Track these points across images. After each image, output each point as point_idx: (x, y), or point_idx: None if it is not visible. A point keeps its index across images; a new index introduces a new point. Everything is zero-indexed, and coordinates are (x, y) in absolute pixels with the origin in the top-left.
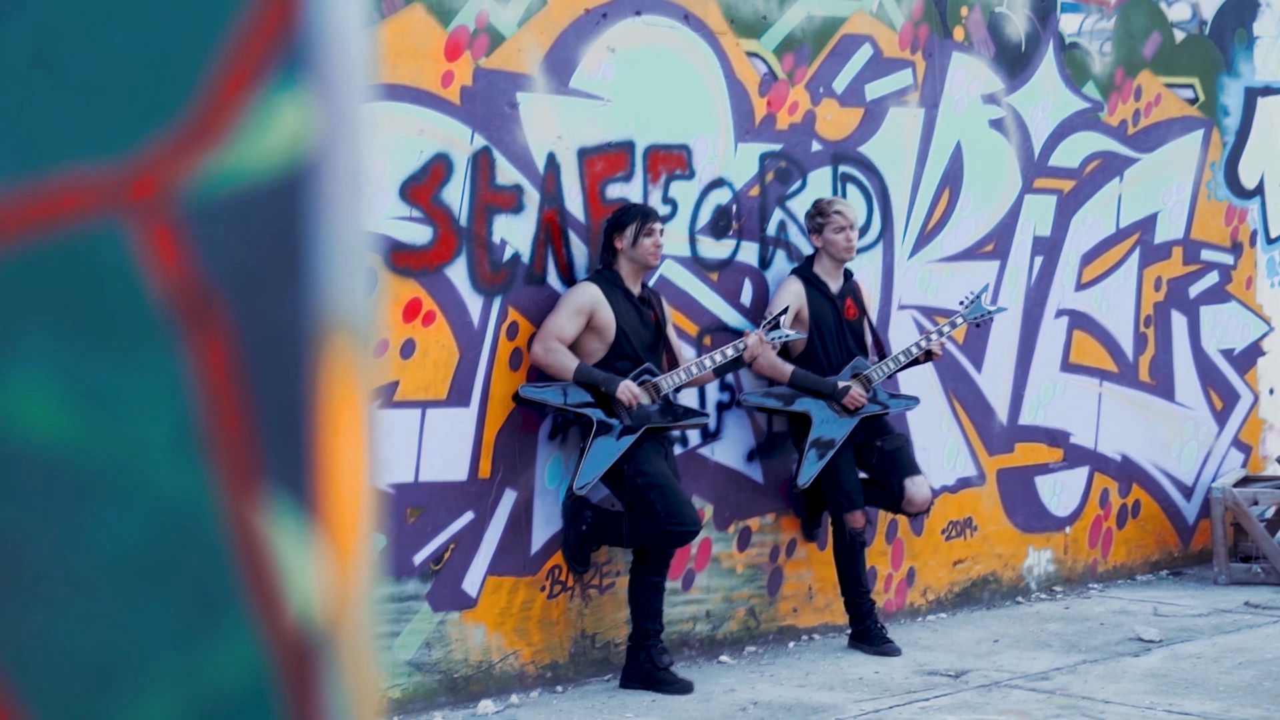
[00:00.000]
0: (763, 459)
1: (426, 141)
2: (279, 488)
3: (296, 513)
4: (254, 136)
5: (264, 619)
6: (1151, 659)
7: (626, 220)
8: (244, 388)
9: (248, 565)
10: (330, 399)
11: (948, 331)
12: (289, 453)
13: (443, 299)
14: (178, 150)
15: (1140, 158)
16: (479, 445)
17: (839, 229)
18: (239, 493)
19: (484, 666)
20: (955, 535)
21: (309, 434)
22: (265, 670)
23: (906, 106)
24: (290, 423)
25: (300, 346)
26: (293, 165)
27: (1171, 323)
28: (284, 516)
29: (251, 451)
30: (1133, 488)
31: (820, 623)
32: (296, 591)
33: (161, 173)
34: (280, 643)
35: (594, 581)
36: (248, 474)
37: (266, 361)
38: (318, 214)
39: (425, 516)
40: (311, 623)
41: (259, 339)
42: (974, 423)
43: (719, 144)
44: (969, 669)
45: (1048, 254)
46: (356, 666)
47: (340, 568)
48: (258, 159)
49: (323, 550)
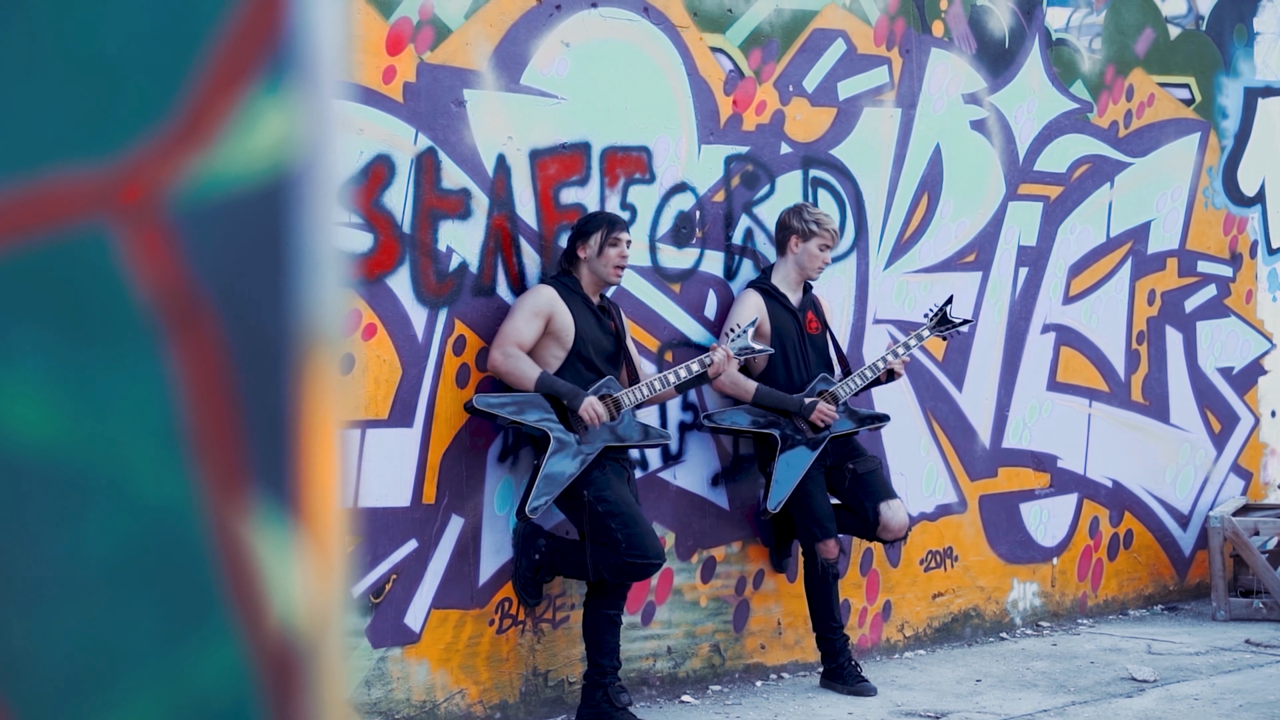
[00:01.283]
0: (728, 483)
1: (366, 142)
2: (264, 493)
3: (281, 519)
4: (241, 140)
5: (247, 625)
6: (1145, 700)
7: (591, 228)
8: (230, 392)
9: (232, 570)
10: (313, 407)
11: (914, 345)
12: (274, 458)
13: (384, 311)
14: (166, 153)
15: (1132, 162)
16: (423, 468)
17: (824, 245)
18: (224, 498)
19: (428, 707)
20: (934, 566)
21: (294, 440)
22: (248, 676)
23: (882, 106)
24: (275, 428)
25: (286, 353)
26: (279, 170)
27: (1166, 339)
28: (268, 522)
29: (237, 456)
30: (1125, 516)
31: (790, 660)
32: (280, 597)
33: (149, 176)
34: (263, 649)
35: (546, 615)
36: (233, 479)
37: (252, 367)
38: (302, 220)
39: (365, 545)
40: (294, 629)
41: (245, 344)
42: (954, 445)
43: (681, 146)
44: (949, 710)
45: (1033, 265)
46: (333, 676)
47: (322, 575)
48: (244, 163)
49: (306, 557)
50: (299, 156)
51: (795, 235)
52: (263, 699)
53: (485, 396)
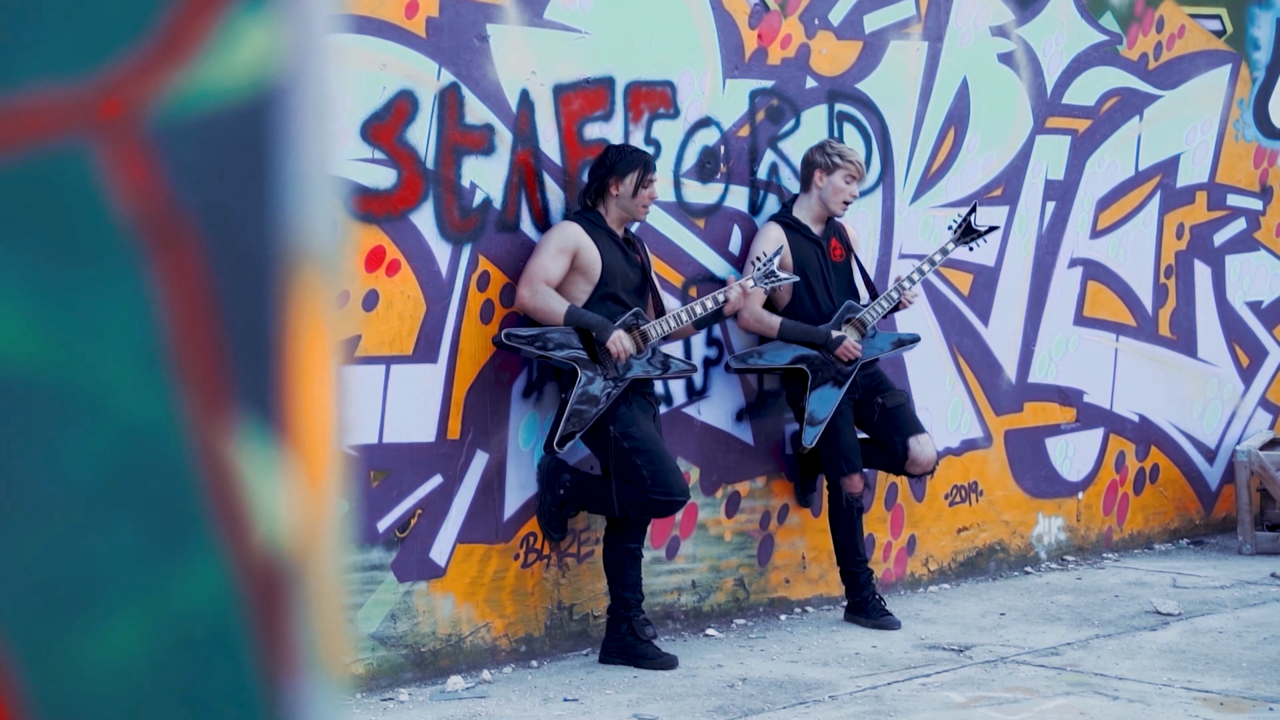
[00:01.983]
0: (753, 419)
1: (389, 77)
2: (248, 412)
3: (265, 438)
4: (222, 56)
5: (231, 544)
6: (1169, 633)
7: (626, 167)
8: (212, 311)
9: (215, 489)
10: (301, 327)
11: (940, 259)
12: (258, 377)
13: (408, 247)
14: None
15: (1162, 95)
16: (448, 404)
17: (850, 178)
18: (207, 416)
19: (453, 640)
20: (959, 501)
21: (279, 359)
22: (233, 596)
23: (908, 39)
24: (259, 347)
25: (270, 271)
26: (261, 87)
27: (1194, 273)
28: (252, 441)
29: (220, 375)
30: (1151, 450)
31: (814, 594)
32: (265, 517)
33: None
34: (248, 568)
35: (571, 550)
36: (216, 398)
37: (235, 285)
38: (287, 138)
39: (390, 480)
40: (280, 549)
41: (228, 262)
42: (980, 380)
43: (706, 80)
44: (973, 643)
45: (1061, 199)
46: (325, 599)
47: (310, 495)
48: (226, 79)
49: (292, 476)
50: (283, 73)
51: (819, 169)
52: (247, 618)
53: (514, 330)
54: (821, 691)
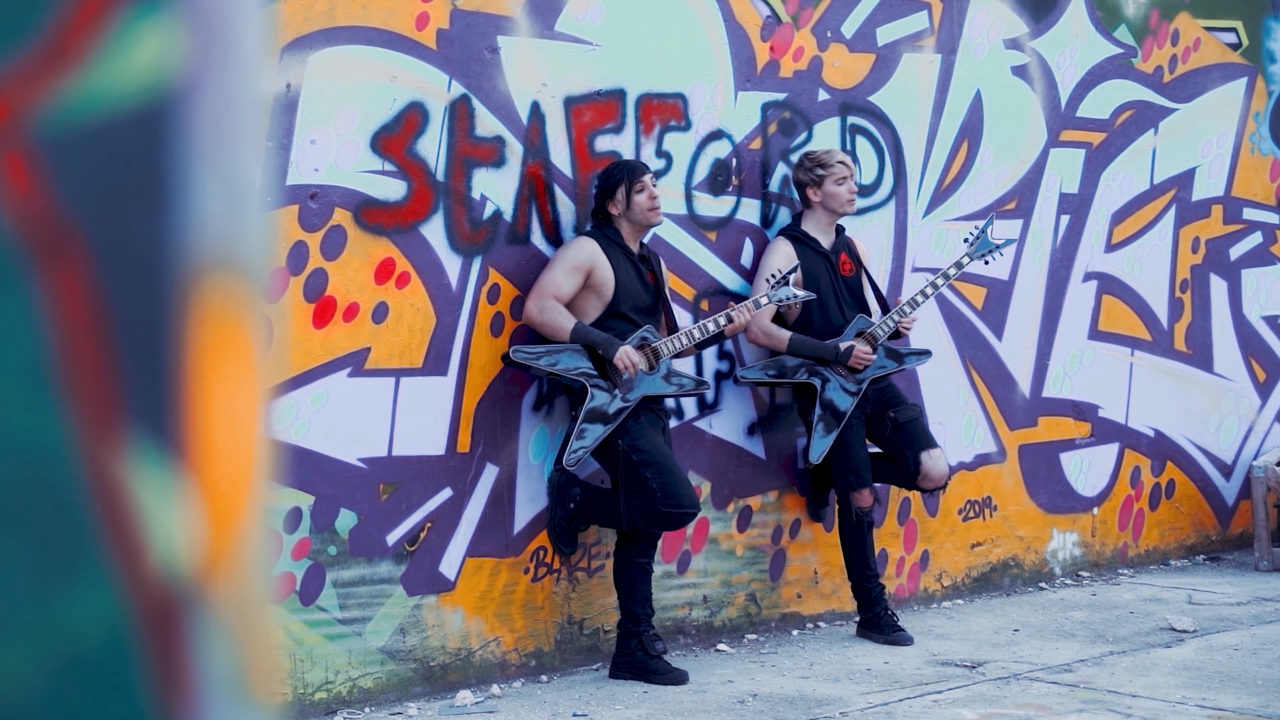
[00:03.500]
0: (764, 432)
1: (400, 89)
2: (141, 432)
3: (160, 458)
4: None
5: (123, 568)
6: (1184, 650)
7: (613, 182)
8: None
9: (106, 512)
10: (206, 340)
11: (954, 273)
12: (152, 395)
13: (418, 259)
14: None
15: (1177, 108)
16: (457, 417)
17: (840, 179)
18: (97, 436)
19: (462, 654)
20: (973, 516)
21: (176, 375)
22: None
23: (922, 52)
24: (155, 363)
25: (166, 283)
26: (157, 91)
27: (1210, 287)
28: (147, 462)
29: (111, 393)
30: (1167, 466)
31: (826, 609)
32: (160, 541)
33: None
34: (142, 594)
35: (581, 564)
36: (107, 417)
37: (129, 298)
38: (186, 144)
39: (399, 493)
40: (177, 575)
41: (120, 274)
42: (994, 395)
43: (718, 93)
44: (986, 660)
45: (1075, 212)
46: (241, 625)
47: (215, 517)
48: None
49: (192, 498)
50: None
51: (809, 186)
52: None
53: (522, 348)
54: (833, 708)
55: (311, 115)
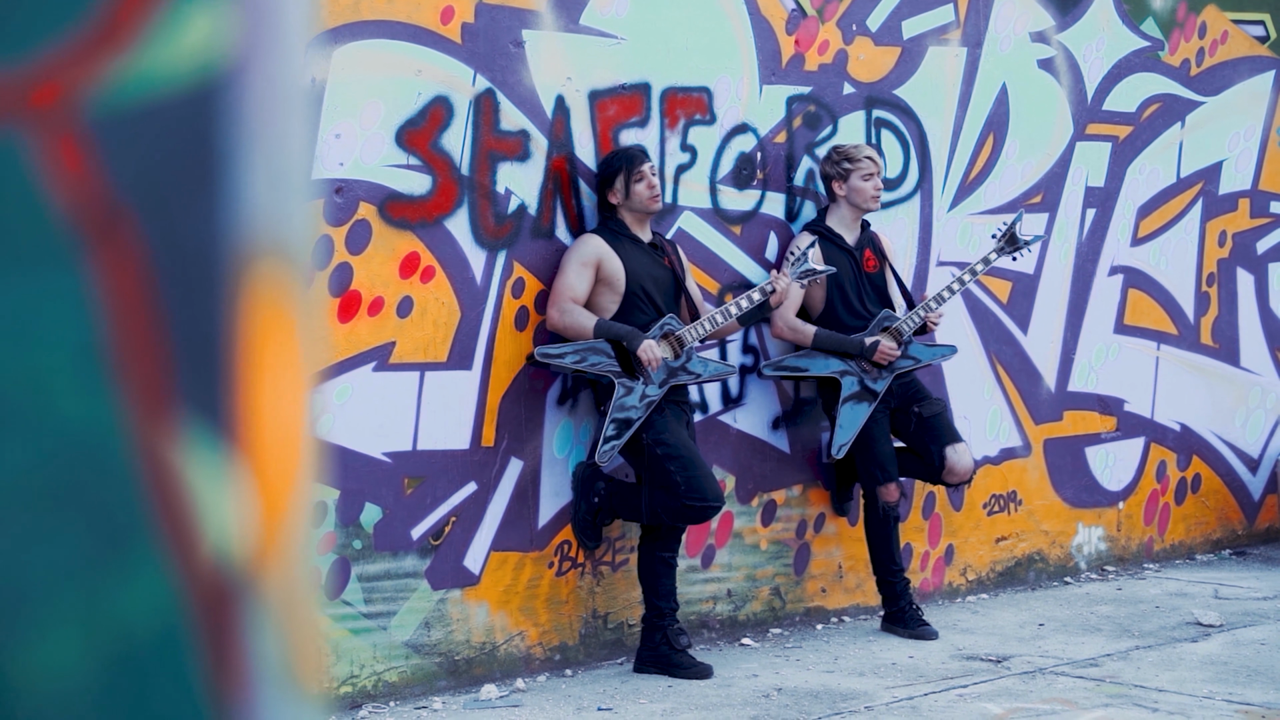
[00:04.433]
0: (789, 427)
1: (425, 83)
2: (194, 416)
3: (213, 443)
4: (164, 42)
5: (177, 555)
6: (1210, 645)
7: (611, 172)
8: (155, 309)
9: (159, 497)
10: (255, 325)
11: (981, 269)
12: (205, 379)
13: (443, 253)
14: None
15: (1204, 101)
16: (482, 411)
17: (867, 175)
18: (149, 420)
19: (487, 648)
20: (998, 510)
21: (228, 359)
22: (178, 609)
23: (947, 45)
24: (206, 347)
25: (218, 266)
26: (207, 74)
27: (1237, 281)
28: (199, 447)
29: (163, 376)
30: (1193, 460)
31: (851, 604)
32: (213, 527)
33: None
34: (195, 581)
35: (606, 558)
36: (159, 400)
37: (180, 281)
38: (236, 127)
39: (424, 487)
40: (230, 561)
41: (172, 257)
42: (1019, 389)
43: (742, 86)
44: (1011, 654)
45: (1101, 206)
46: (287, 612)
47: (266, 504)
48: (168, 66)
49: (244, 484)
50: (232, 58)
51: (835, 180)
52: (194, 634)
53: (546, 348)
54: (858, 702)
55: (336, 109)
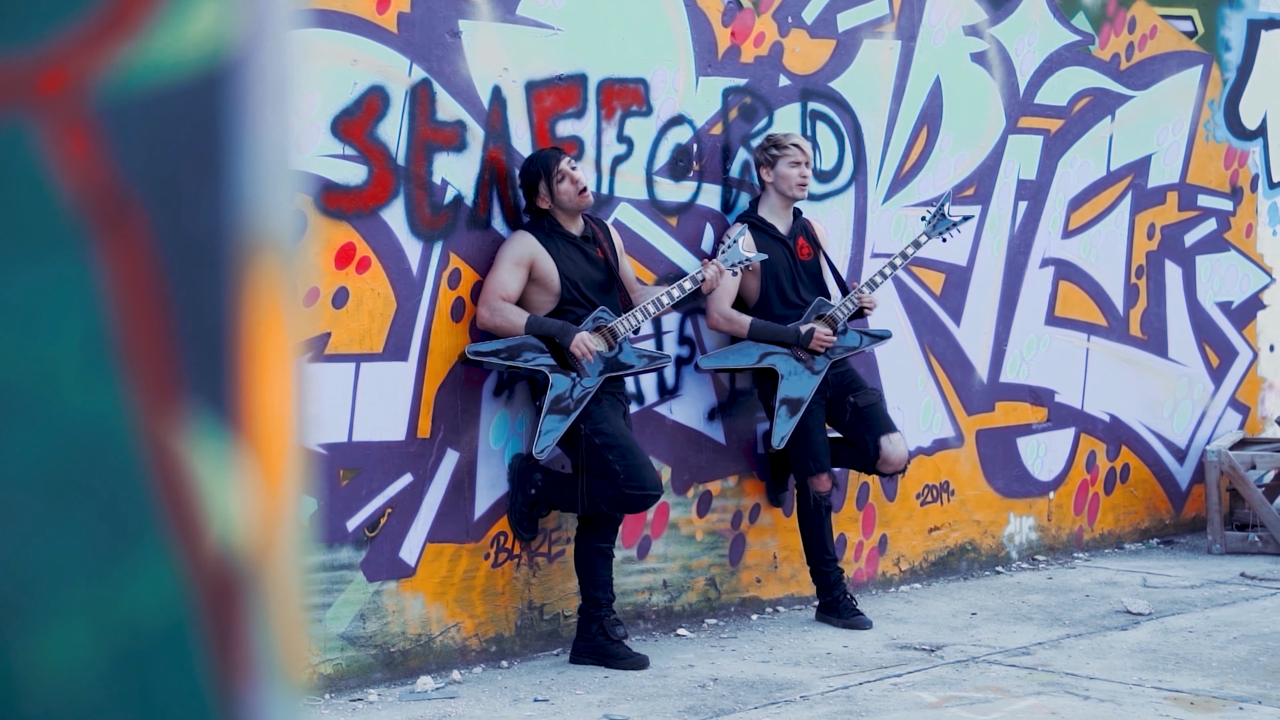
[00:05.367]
0: (725, 418)
1: (360, 73)
2: (200, 406)
3: (219, 433)
4: (171, 28)
5: (183, 546)
6: (1140, 633)
7: (533, 179)
8: (162, 298)
9: (166, 488)
10: (256, 315)
11: (912, 252)
12: (211, 369)
13: (379, 244)
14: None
15: (1133, 95)
16: (418, 402)
17: (794, 163)
18: (156, 410)
19: (423, 640)
20: (931, 500)
21: (233, 350)
22: (185, 601)
23: (882, 38)
24: (213, 337)
25: (224, 256)
26: (214, 61)
27: (1165, 273)
28: (205, 437)
29: (170, 366)
30: (1122, 450)
31: (785, 594)
32: (219, 517)
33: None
34: (201, 571)
35: (542, 549)
36: (166, 390)
37: (187, 271)
38: (240, 116)
39: (360, 479)
40: (236, 551)
41: (179, 246)
42: (952, 380)
43: (679, 78)
44: (945, 643)
45: (1033, 199)
46: (284, 602)
47: (268, 494)
48: (175, 54)
49: (248, 474)
50: (238, 47)
51: (763, 166)
52: (200, 624)
53: (477, 345)
54: (793, 691)
55: None
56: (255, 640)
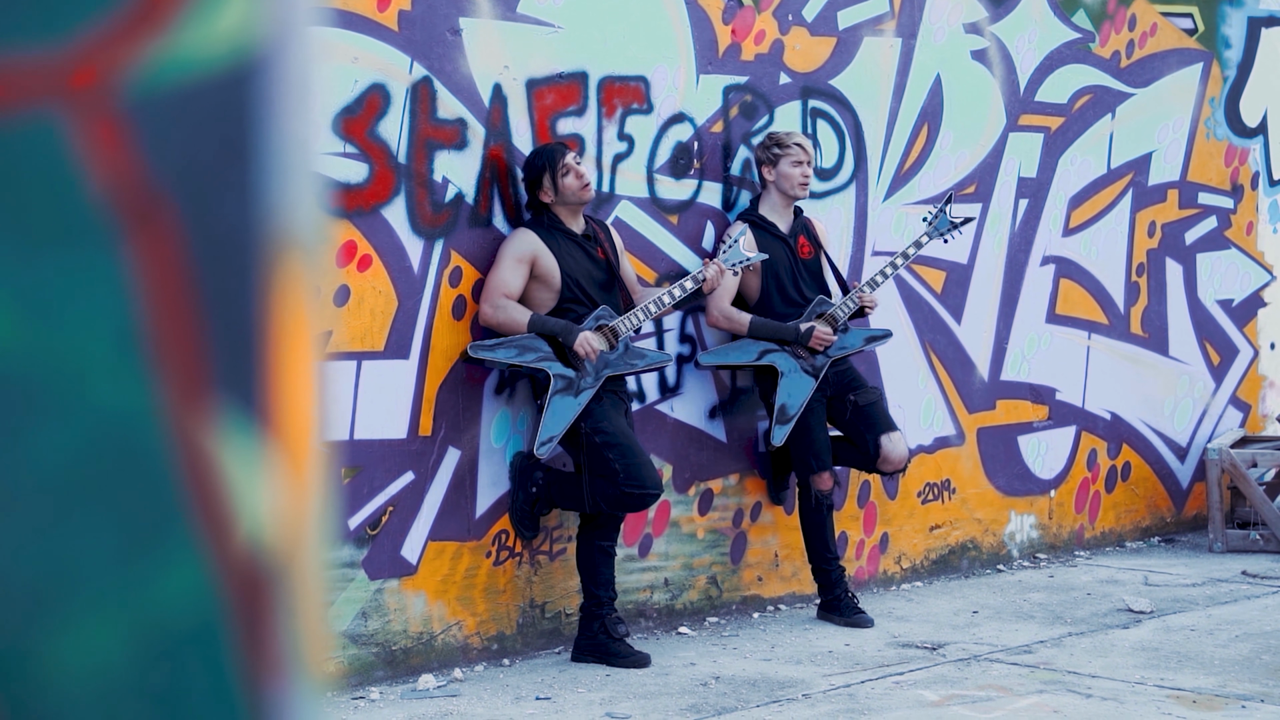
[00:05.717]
0: (726, 416)
1: (361, 71)
2: (229, 402)
3: (248, 429)
4: (200, 23)
5: (212, 542)
6: (1141, 631)
7: (537, 173)
8: (191, 294)
9: (195, 484)
10: (283, 312)
11: (913, 254)
12: (240, 365)
13: (380, 242)
14: (119, 37)
15: (1134, 93)
16: (419, 400)
17: (796, 162)
18: (186, 406)
19: (425, 638)
20: (932, 499)
21: (262, 346)
22: (214, 597)
23: (882, 36)
24: (242, 332)
25: (253, 252)
26: (242, 57)
27: (1166, 271)
28: (234, 433)
29: (199, 362)
30: (1123, 448)
31: (787, 592)
32: (248, 513)
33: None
34: (230, 567)
35: (543, 547)
36: (195, 386)
37: (216, 266)
38: (268, 113)
39: (361, 477)
40: (264, 547)
41: (208, 242)
42: (953, 378)
43: (679, 76)
44: (946, 641)
45: (1033, 196)
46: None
47: (294, 490)
48: (204, 49)
49: (277, 471)
50: (265, 43)
51: (765, 165)
52: (229, 620)
53: (480, 344)
54: (795, 690)
55: None
56: (283, 637)
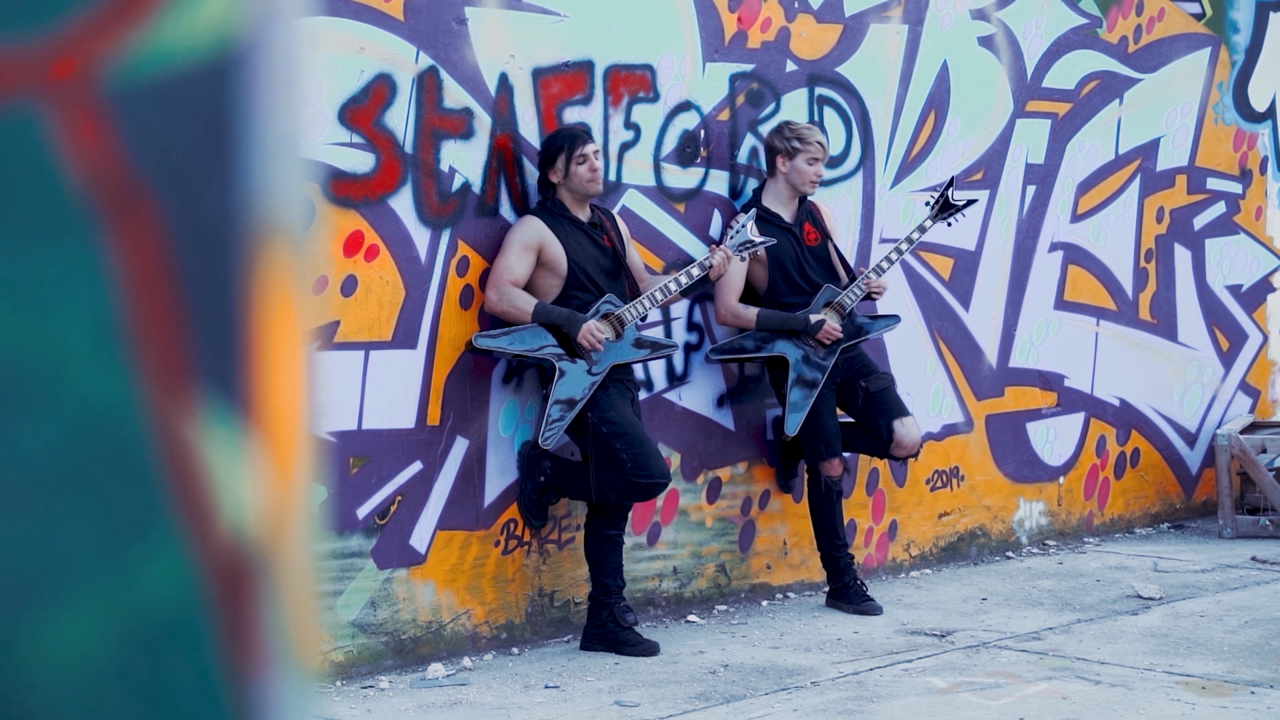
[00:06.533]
0: (734, 404)
1: (367, 60)
2: (211, 393)
3: (230, 420)
4: (181, 15)
5: (195, 532)
6: (1151, 618)
7: (554, 151)
8: (172, 284)
9: (177, 474)
10: (266, 302)
11: (917, 238)
12: (222, 355)
13: (387, 232)
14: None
15: (1141, 78)
16: (427, 390)
17: (813, 159)
18: (167, 396)
19: (434, 627)
20: (941, 486)
21: (244, 337)
22: (196, 586)
23: (888, 23)
24: (223, 323)
25: (234, 243)
26: (223, 47)
27: (1174, 257)
28: (216, 423)
29: (181, 352)
30: (1131, 435)
31: (796, 580)
32: (230, 504)
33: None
34: (212, 558)
35: (552, 536)
36: (177, 376)
37: (197, 256)
38: (250, 103)
39: (369, 467)
40: (247, 537)
41: (189, 233)
42: (961, 365)
43: (685, 64)
44: (955, 629)
45: (1041, 183)
46: (295, 588)
47: (279, 481)
48: (186, 39)
49: (259, 460)
50: (247, 33)
51: (780, 155)
52: (212, 611)
53: (485, 335)
54: (804, 677)
55: None
56: (266, 627)
